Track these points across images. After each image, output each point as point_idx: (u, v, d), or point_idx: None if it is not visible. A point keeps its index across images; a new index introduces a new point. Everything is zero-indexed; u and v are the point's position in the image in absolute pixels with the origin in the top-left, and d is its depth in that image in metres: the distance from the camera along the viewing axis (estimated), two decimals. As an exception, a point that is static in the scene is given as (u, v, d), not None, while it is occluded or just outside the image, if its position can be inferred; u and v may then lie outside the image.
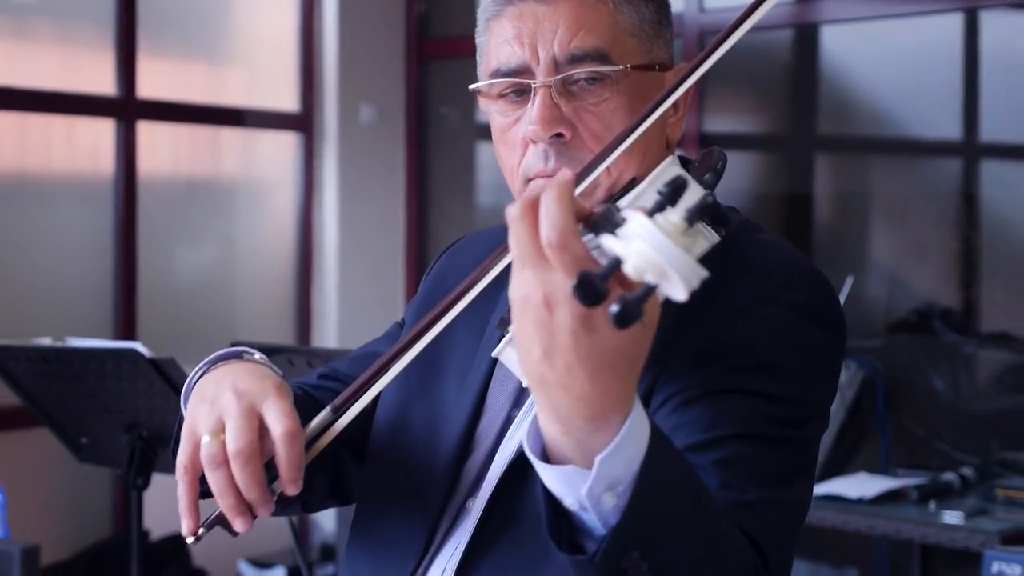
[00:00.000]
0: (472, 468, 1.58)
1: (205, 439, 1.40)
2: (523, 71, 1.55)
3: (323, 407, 1.52)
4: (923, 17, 4.99)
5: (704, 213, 1.12)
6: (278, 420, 1.40)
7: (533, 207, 1.16)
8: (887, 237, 5.44)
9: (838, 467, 4.46)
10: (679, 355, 1.36)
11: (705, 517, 1.26)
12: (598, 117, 1.54)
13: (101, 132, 5.31)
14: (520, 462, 1.46)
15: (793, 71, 5.65)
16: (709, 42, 1.54)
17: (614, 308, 1.07)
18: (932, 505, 3.98)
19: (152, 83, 5.41)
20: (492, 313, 1.61)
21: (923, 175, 5.37)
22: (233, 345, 3.18)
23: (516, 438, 1.55)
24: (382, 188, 6.16)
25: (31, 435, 4.73)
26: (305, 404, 1.55)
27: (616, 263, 1.10)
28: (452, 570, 1.52)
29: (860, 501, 4.02)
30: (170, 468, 3.50)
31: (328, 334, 5.94)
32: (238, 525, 1.41)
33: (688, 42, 5.23)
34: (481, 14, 1.62)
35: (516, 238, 1.16)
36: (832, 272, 4.87)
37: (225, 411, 1.41)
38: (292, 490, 1.40)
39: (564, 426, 1.18)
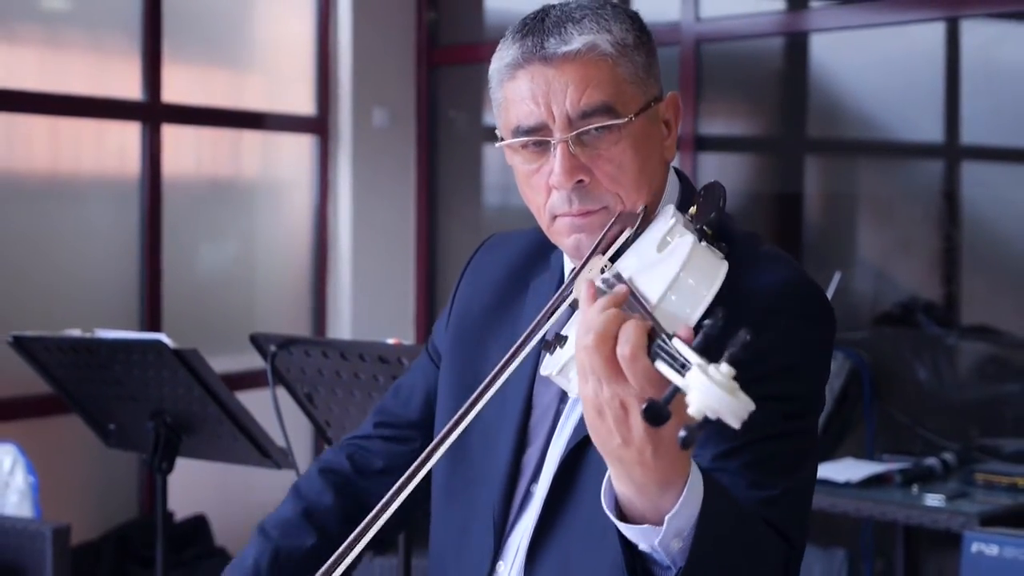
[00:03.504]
0: (531, 458, 1.75)
1: None
2: (541, 128, 1.66)
3: (367, 471, 1.93)
4: (907, 26, 4.99)
5: (747, 349, 1.27)
6: None
7: (605, 338, 1.34)
8: (873, 235, 5.43)
9: (826, 453, 4.46)
10: None
11: (747, 535, 1.48)
12: (611, 161, 1.65)
13: (128, 135, 5.32)
14: (573, 453, 1.67)
15: (784, 77, 5.64)
16: (705, 50, 1.63)
17: (682, 434, 1.24)
18: (915, 489, 3.98)
19: (176, 88, 5.41)
20: (519, 325, 1.72)
21: (907, 176, 5.37)
22: (252, 337, 3.20)
23: (567, 429, 1.72)
24: (394, 188, 6.16)
25: (61, 422, 4.73)
26: (320, 550, 1.82)
27: (675, 391, 1.27)
28: (525, 547, 1.70)
29: (847, 485, 4.01)
30: (193, 453, 3.50)
31: (342, 326, 5.94)
32: None
33: (685, 50, 5.22)
34: (494, 74, 1.72)
35: (592, 361, 1.35)
36: (821, 268, 4.87)
37: None
38: None
39: (638, 489, 1.39)
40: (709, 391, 1.24)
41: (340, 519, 1.90)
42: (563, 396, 1.74)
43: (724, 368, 1.26)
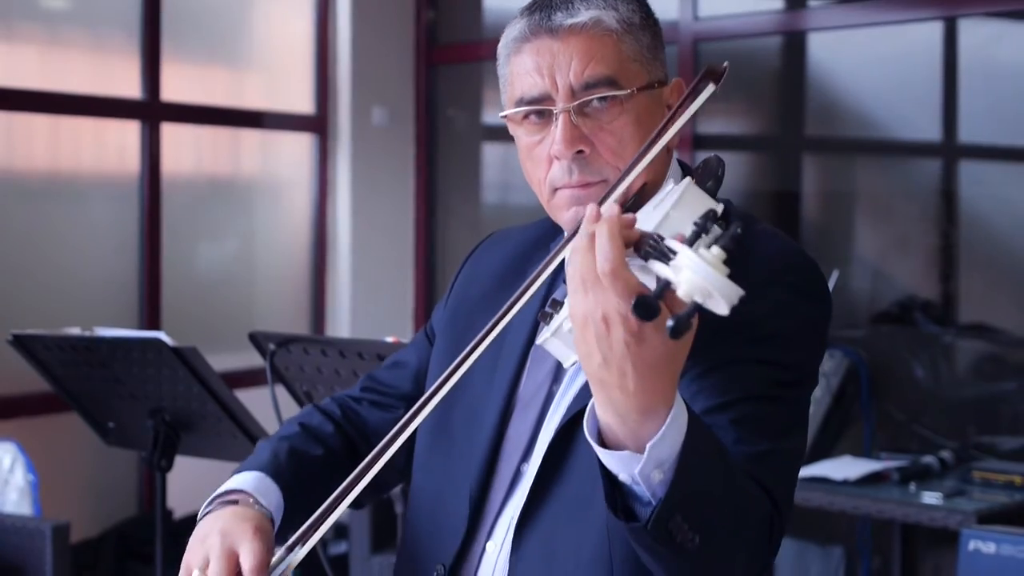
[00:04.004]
0: (521, 438, 1.75)
1: (195, 574, 1.62)
2: (544, 99, 1.70)
3: (364, 427, 1.92)
4: (905, 25, 4.99)
5: (738, 242, 1.26)
6: (247, 559, 1.61)
7: (593, 240, 1.34)
8: (871, 233, 5.43)
9: (824, 451, 4.46)
10: (696, 334, 1.43)
11: (731, 479, 1.45)
12: (612, 134, 1.69)
13: (128, 133, 5.31)
14: (565, 430, 1.67)
15: (782, 76, 5.64)
16: (703, 49, 1.63)
17: (670, 323, 1.24)
18: (913, 486, 3.98)
19: (176, 87, 5.41)
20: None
21: (905, 174, 5.37)
22: (251, 336, 3.20)
23: (560, 409, 1.72)
24: (393, 187, 6.16)
25: (61, 420, 4.73)
26: (334, 456, 1.87)
27: (666, 285, 1.27)
28: (514, 526, 1.69)
29: (845, 483, 4.01)
30: (192, 451, 3.51)
31: (341, 324, 5.94)
32: None
33: (683, 49, 5.22)
34: (502, 49, 1.77)
35: (578, 267, 1.35)
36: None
37: (210, 550, 1.63)
38: None
39: (620, 418, 1.37)
40: (698, 267, 1.23)
41: (341, 444, 1.90)
42: (556, 376, 1.75)
43: (715, 250, 1.25)
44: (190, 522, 5.61)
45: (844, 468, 4.12)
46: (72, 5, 5.35)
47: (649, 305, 1.26)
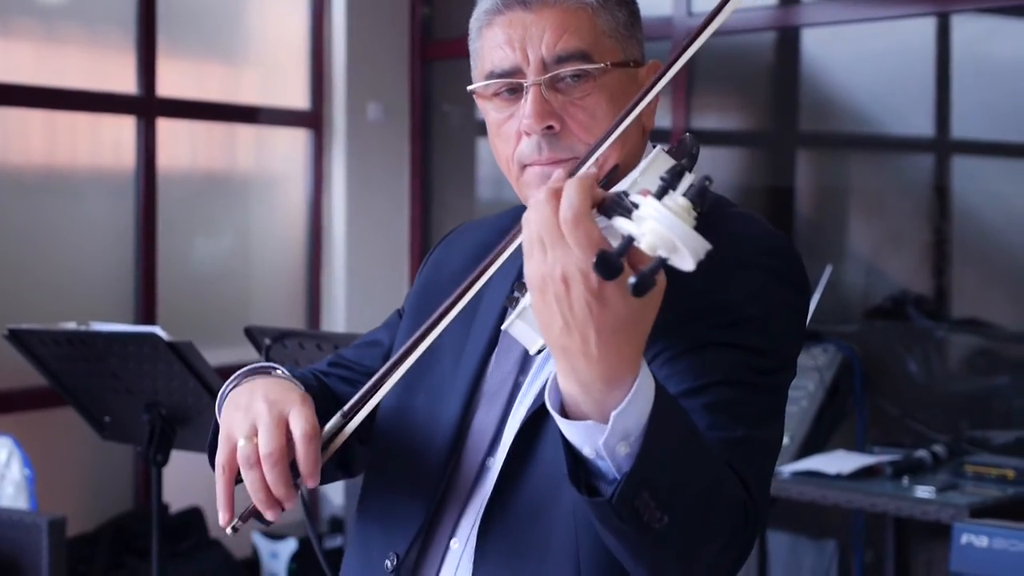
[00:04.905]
0: (486, 430, 1.67)
1: (241, 442, 1.51)
2: (515, 72, 1.63)
3: (335, 396, 1.76)
4: (898, 21, 4.99)
5: (705, 194, 1.20)
6: (300, 425, 1.50)
7: (556, 194, 1.28)
8: (864, 228, 5.43)
9: (817, 445, 4.46)
10: (667, 315, 1.36)
11: (701, 457, 1.37)
12: (584, 110, 1.62)
13: (123, 129, 5.31)
14: (531, 420, 1.58)
15: (775, 71, 5.64)
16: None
17: (632, 279, 1.18)
18: (906, 480, 3.98)
19: (171, 82, 5.40)
20: (479, 296, 1.64)
21: (898, 170, 5.37)
22: (247, 330, 3.20)
23: (526, 401, 1.64)
24: (388, 182, 6.15)
25: (57, 414, 4.73)
26: (322, 396, 1.72)
27: (629, 241, 1.20)
28: (479, 521, 1.61)
29: (838, 477, 4.02)
30: (187, 445, 3.51)
31: (336, 319, 5.94)
32: (269, 516, 1.53)
33: (677, 45, 5.22)
34: (474, 23, 1.70)
35: (539, 217, 1.28)
36: (812, 261, 4.86)
37: (257, 417, 1.51)
38: (311, 484, 1.50)
39: (583, 387, 1.29)
40: (662, 216, 1.18)
41: (321, 398, 1.79)
42: (523, 366, 1.67)
43: (680, 200, 1.19)
44: (186, 517, 5.60)
45: (837, 462, 4.12)
46: (68, 1, 5.34)
47: (610, 262, 1.19)
